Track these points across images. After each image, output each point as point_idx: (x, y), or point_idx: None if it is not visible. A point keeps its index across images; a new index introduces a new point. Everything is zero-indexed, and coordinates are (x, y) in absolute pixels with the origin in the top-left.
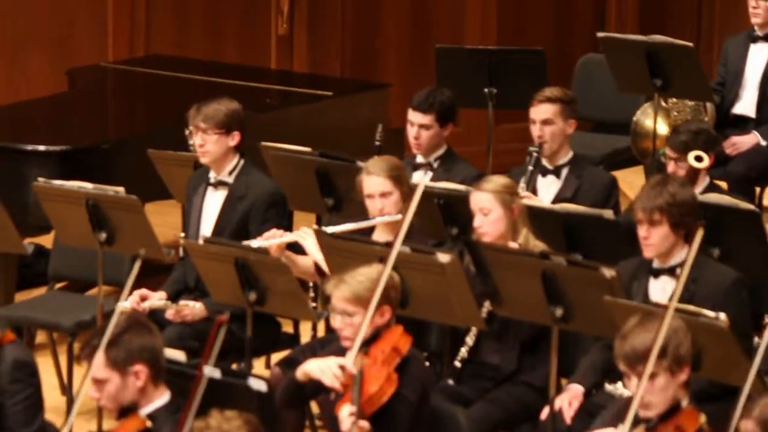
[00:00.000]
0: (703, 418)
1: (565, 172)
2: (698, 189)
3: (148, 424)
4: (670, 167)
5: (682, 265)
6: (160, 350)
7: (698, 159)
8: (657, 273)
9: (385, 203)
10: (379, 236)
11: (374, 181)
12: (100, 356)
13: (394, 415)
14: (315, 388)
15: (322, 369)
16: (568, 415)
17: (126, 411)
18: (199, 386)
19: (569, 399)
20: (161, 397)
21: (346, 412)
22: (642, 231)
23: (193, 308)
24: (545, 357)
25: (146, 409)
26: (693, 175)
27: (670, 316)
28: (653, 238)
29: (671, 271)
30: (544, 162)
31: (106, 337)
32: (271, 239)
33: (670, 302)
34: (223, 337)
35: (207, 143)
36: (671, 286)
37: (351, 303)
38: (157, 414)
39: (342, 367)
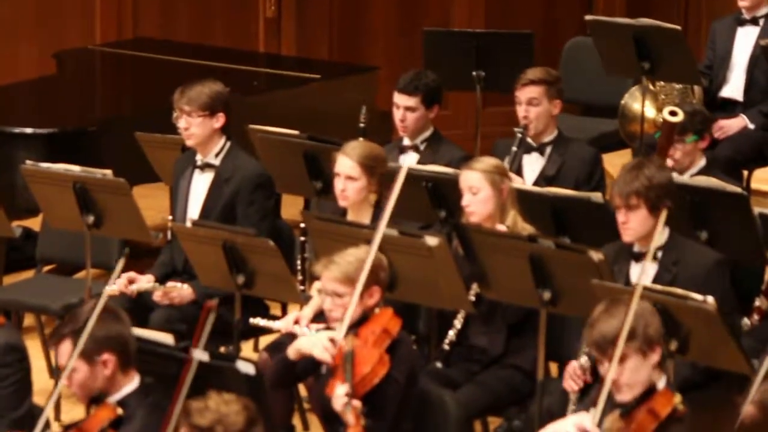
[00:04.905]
0: (677, 399)
1: (549, 149)
2: (693, 170)
3: (119, 411)
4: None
5: (663, 248)
6: (128, 337)
7: (672, 114)
8: (638, 257)
9: (348, 186)
10: (351, 218)
11: (345, 162)
12: (67, 346)
13: (384, 396)
14: (306, 366)
15: (312, 342)
16: None
17: (96, 399)
18: (189, 371)
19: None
20: (131, 383)
21: (340, 392)
22: (620, 216)
23: (180, 290)
24: (532, 340)
25: (116, 396)
26: (690, 156)
27: (638, 298)
28: (632, 223)
29: (652, 255)
30: (529, 140)
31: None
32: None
33: (638, 283)
34: (212, 323)
35: (191, 126)
36: (653, 270)
37: (341, 283)
38: (128, 400)
39: (332, 340)
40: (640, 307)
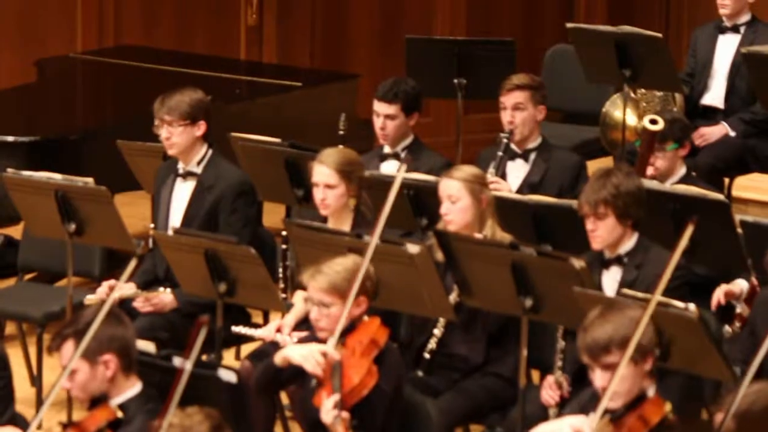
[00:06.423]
0: (668, 407)
1: (533, 156)
2: (674, 178)
3: (119, 414)
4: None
5: (630, 253)
6: (130, 341)
7: (653, 122)
8: (607, 264)
9: (328, 194)
10: (331, 225)
11: (322, 170)
12: (69, 346)
13: (372, 407)
14: (292, 374)
15: (304, 356)
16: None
17: (97, 401)
18: (180, 382)
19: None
20: (132, 388)
21: (329, 404)
22: (589, 224)
23: (161, 295)
24: (512, 348)
25: (117, 400)
26: (670, 164)
27: (651, 311)
28: (600, 231)
29: (619, 260)
30: (513, 146)
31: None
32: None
33: (653, 294)
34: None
35: (173, 135)
36: (618, 273)
37: (328, 293)
38: (129, 404)
39: (324, 354)
40: (634, 314)
